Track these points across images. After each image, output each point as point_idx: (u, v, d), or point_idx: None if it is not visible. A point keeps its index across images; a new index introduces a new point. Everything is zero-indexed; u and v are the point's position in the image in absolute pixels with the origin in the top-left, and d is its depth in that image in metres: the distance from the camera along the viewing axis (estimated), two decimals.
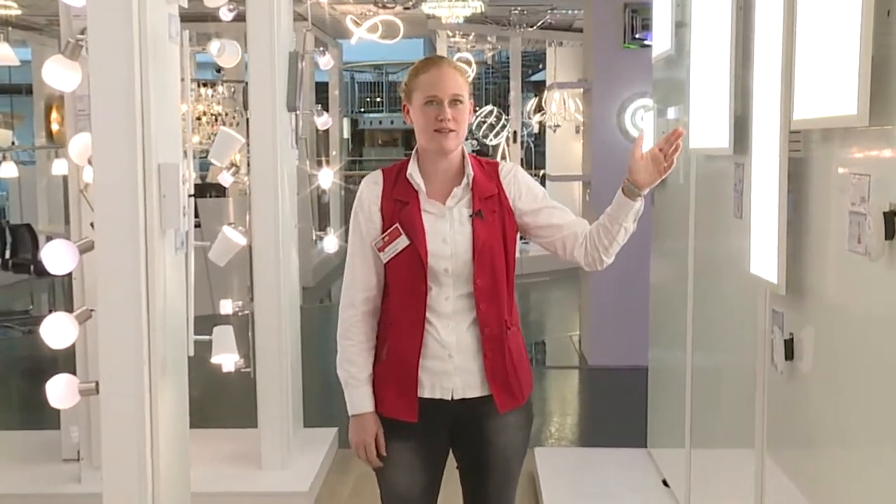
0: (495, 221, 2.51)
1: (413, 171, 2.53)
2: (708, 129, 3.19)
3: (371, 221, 2.53)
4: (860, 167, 2.04)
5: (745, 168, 2.75)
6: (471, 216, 2.49)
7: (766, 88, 2.48)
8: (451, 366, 2.49)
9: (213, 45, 3.82)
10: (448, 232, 2.49)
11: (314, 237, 5.30)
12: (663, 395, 4.35)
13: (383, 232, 2.51)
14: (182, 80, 3.12)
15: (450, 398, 2.51)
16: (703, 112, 3.28)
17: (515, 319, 2.59)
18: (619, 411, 5.84)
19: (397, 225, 2.49)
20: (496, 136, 12.54)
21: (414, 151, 2.58)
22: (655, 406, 4.58)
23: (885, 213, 1.86)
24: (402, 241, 2.48)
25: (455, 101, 2.46)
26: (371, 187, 2.56)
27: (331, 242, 5.40)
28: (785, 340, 2.47)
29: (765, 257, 2.51)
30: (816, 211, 2.31)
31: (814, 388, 2.34)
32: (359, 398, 2.54)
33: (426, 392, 2.50)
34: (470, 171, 2.53)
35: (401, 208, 2.51)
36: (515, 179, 2.57)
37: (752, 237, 2.62)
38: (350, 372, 2.55)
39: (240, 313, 4.60)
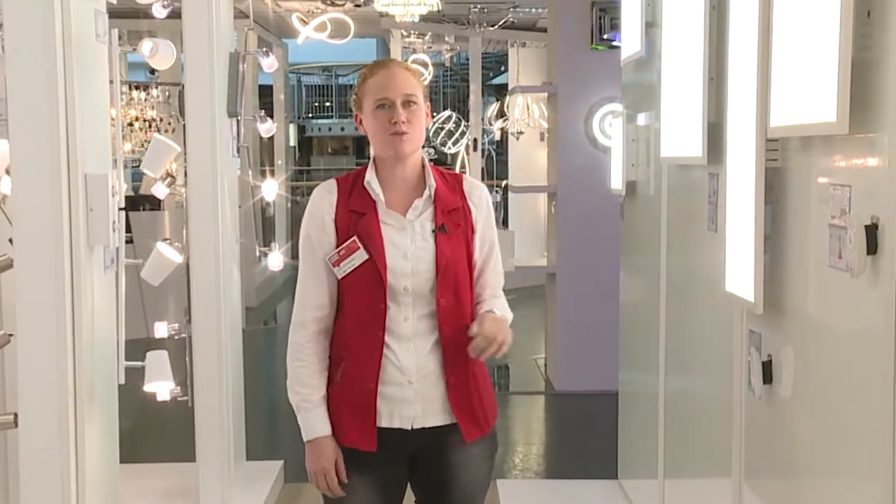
0: (459, 237, 2.51)
1: (371, 178, 2.52)
2: (680, 136, 3.22)
3: (324, 234, 2.51)
4: (840, 178, 2.07)
5: (720, 178, 2.78)
6: (434, 231, 2.49)
7: (742, 93, 2.51)
8: (411, 392, 2.47)
9: (146, 45, 3.80)
10: (409, 247, 2.47)
11: (258, 253, 5.28)
12: (635, 422, 4.38)
13: (338, 245, 2.48)
14: (111, 82, 3.10)
15: (409, 427, 2.49)
16: (675, 118, 3.31)
17: None
18: (587, 440, 5.86)
19: (355, 238, 2.47)
20: (455, 143, 12.58)
21: (371, 160, 2.58)
22: (626, 434, 4.60)
23: (866, 227, 1.88)
24: (360, 256, 2.46)
25: (408, 101, 2.47)
26: (324, 196, 2.54)
27: (276, 259, 5.37)
28: (763, 362, 2.50)
29: (741, 274, 2.54)
30: (795, 224, 2.33)
31: (794, 414, 2.36)
32: (314, 422, 2.51)
33: (384, 421, 2.48)
34: (432, 181, 2.52)
35: (357, 219, 2.49)
36: (481, 201, 2.58)
37: (728, 252, 2.64)
38: (302, 395, 2.52)
39: (176, 337, 4.55)
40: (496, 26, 12.15)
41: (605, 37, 6.75)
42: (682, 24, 3.20)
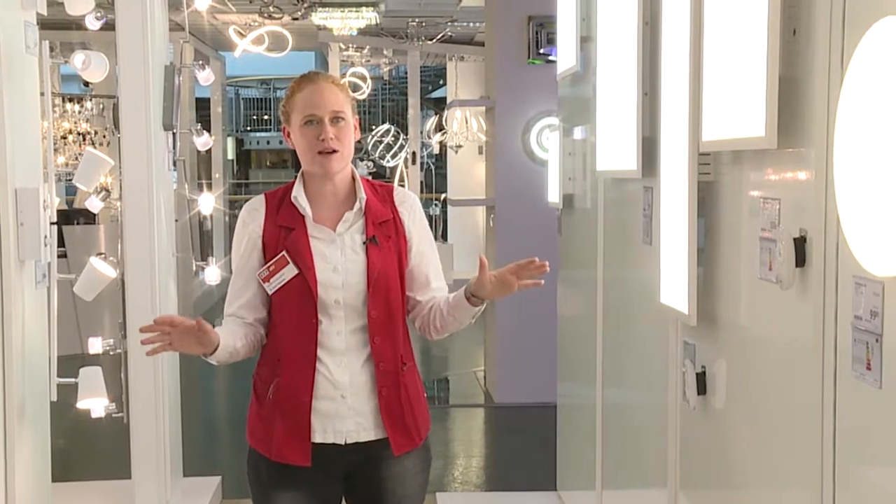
0: (390, 248, 2.50)
1: (298, 193, 2.51)
2: (616, 150, 3.25)
3: (252, 250, 2.50)
4: (770, 191, 2.10)
5: (654, 192, 2.81)
6: (364, 243, 2.48)
7: (675, 108, 2.54)
8: (344, 407, 2.46)
9: (77, 58, 3.74)
10: (339, 260, 2.47)
11: (195, 268, 5.22)
12: (573, 434, 4.40)
13: (268, 261, 2.48)
14: (42, 94, 3.05)
15: (343, 443, 2.48)
16: (610, 132, 3.35)
17: (411, 355, 2.59)
18: (527, 452, 5.88)
19: (284, 253, 2.46)
20: (394, 157, 12.57)
21: (299, 174, 2.57)
22: (565, 445, 4.63)
23: (795, 240, 1.92)
24: (290, 271, 2.45)
25: (336, 118, 2.46)
26: (252, 213, 2.54)
27: (213, 273, 5.31)
28: (697, 374, 2.53)
29: (675, 286, 2.57)
30: (727, 237, 2.37)
31: (727, 424, 2.40)
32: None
33: (318, 436, 2.46)
34: (362, 194, 2.51)
35: (286, 235, 2.48)
36: (413, 210, 2.58)
37: (662, 265, 2.67)
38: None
39: (111, 352, 4.48)
40: (434, 40, 12.19)
41: (541, 51, 6.79)
42: (617, 39, 3.24)
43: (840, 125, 1.68)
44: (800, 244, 1.92)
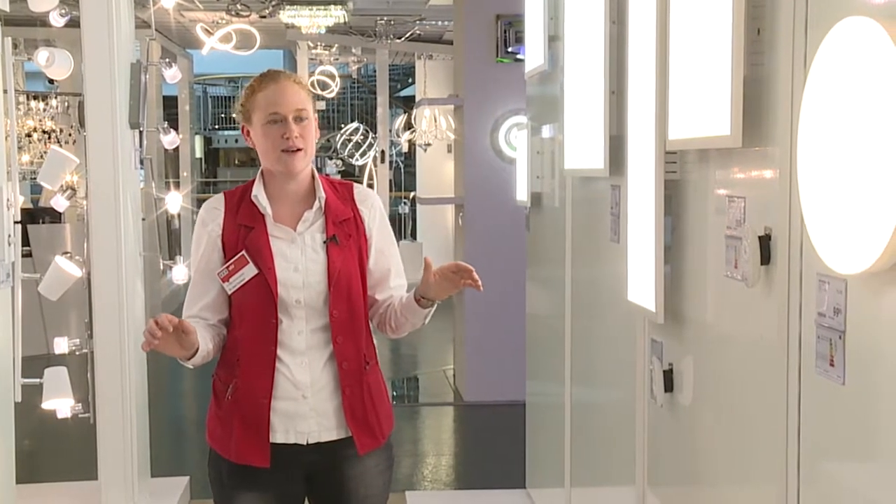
0: (351, 247, 2.50)
1: (258, 192, 2.49)
2: (583, 148, 3.26)
3: (212, 250, 2.49)
4: (735, 189, 2.12)
5: (622, 190, 2.83)
6: (325, 242, 2.47)
7: (642, 107, 2.56)
8: (306, 407, 2.45)
9: (41, 55, 3.72)
10: (300, 259, 2.46)
11: (162, 266, 5.19)
12: (542, 432, 4.42)
13: (227, 260, 2.46)
14: (5, 91, 3.02)
15: (305, 443, 2.47)
16: (578, 131, 3.36)
17: (374, 354, 2.58)
18: (496, 450, 5.89)
19: (243, 252, 2.44)
20: (363, 155, 12.56)
21: (259, 173, 2.56)
22: (534, 443, 4.64)
23: (760, 238, 1.94)
24: (250, 270, 2.44)
25: (299, 117, 2.45)
26: (211, 212, 2.52)
27: (180, 272, 5.27)
28: (664, 371, 2.54)
29: (642, 284, 2.58)
30: (693, 235, 2.39)
31: (694, 421, 2.41)
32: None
33: (279, 437, 2.45)
34: (322, 192, 2.50)
35: (246, 234, 2.47)
36: (373, 208, 2.57)
37: (630, 263, 2.69)
38: None
39: (77, 352, 4.46)
40: (403, 39, 12.18)
41: (510, 50, 6.81)
42: (584, 38, 3.25)
43: (803, 124, 1.69)
44: (765, 242, 1.93)
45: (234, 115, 2.59)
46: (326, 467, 2.52)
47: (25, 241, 7.64)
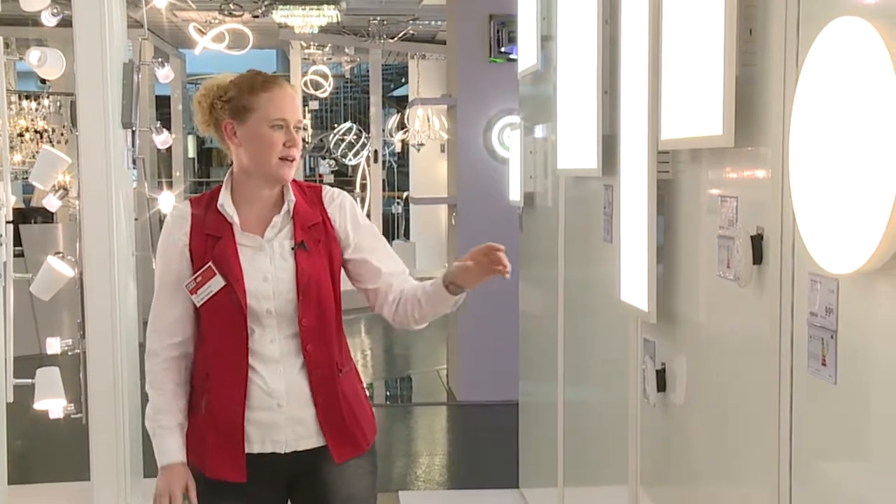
0: (320, 252, 2.42)
1: (224, 201, 2.41)
2: (576, 148, 3.27)
3: (178, 261, 2.41)
4: (728, 189, 2.12)
5: (615, 190, 2.83)
6: (293, 248, 2.40)
7: (635, 106, 2.56)
8: (282, 416, 2.38)
9: (33, 55, 3.71)
10: (269, 268, 2.39)
11: (154, 266, 5.19)
12: (535, 432, 4.42)
13: (195, 272, 2.38)
14: None
15: (282, 452, 2.40)
16: (571, 130, 3.36)
17: (348, 359, 2.51)
18: (489, 450, 5.89)
19: (210, 264, 2.37)
20: (356, 155, 12.56)
21: (227, 177, 2.48)
22: (527, 443, 4.65)
23: (752, 237, 1.94)
24: (217, 282, 2.36)
25: (297, 127, 2.41)
26: (177, 222, 2.44)
27: None
28: (657, 371, 2.55)
29: (635, 284, 2.58)
30: (686, 234, 2.39)
31: (687, 421, 2.42)
32: (168, 447, 2.41)
33: (255, 447, 2.39)
34: (291, 196, 2.43)
35: (213, 244, 2.39)
36: (342, 207, 2.49)
37: (622, 263, 2.69)
38: (158, 421, 2.42)
39: (70, 352, 4.45)
40: (396, 38, 12.18)
41: (502, 49, 6.81)
42: (577, 38, 3.25)
43: (795, 124, 1.70)
44: (757, 242, 1.94)
45: (195, 106, 2.36)
46: (306, 475, 2.46)
47: (17, 241, 7.63)
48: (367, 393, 2.63)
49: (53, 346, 4.44)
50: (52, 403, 4.28)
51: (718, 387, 2.21)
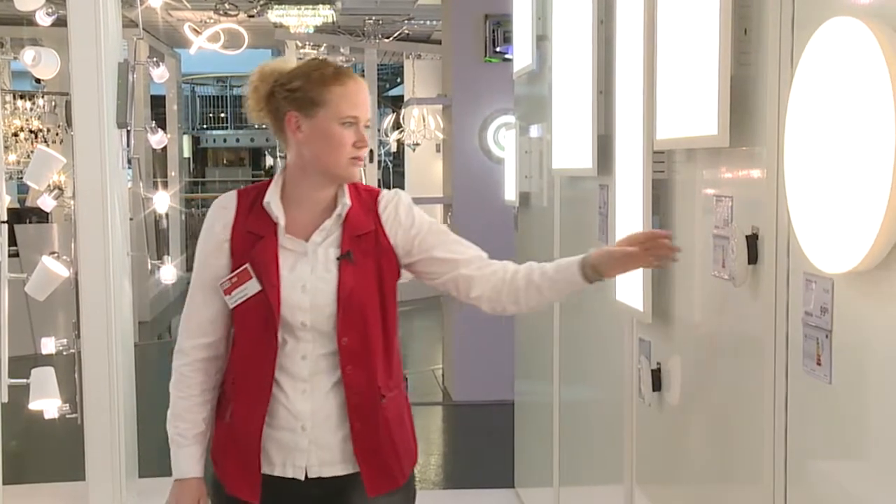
0: (368, 265, 2.20)
1: (272, 198, 2.22)
2: (571, 148, 3.27)
3: (217, 256, 2.23)
4: (722, 189, 2.12)
5: (610, 190, 2.83)
6: (338, 259, 2.19)
7: (630, 106, 2.56)
8: (305, 440, 2.21)
9: (27, 54, 3.71)
10: (308, 278, 2.19)
11: (150, 266, 5.19)
12: (530, 431, 4.42)
13: (232, 271, 2.21)
14: None
15: (303, 478, 2.22)
16: (566, 130, 3.36)
17: (396, 384, 2.29)
18: (485, 449, 5.89)
19: (247, 266, 2.19)
20: None
21: (279, 173, 2.28)
22: (522, 443, 4.65)
23: (747, 237, 1.94)
24: (253, 286, 2.18)
25: (366, 126, 2.22)
26: (220, 213, 2.26)
27: (168, 272, 5.28)
28: (652, 370, 2.54)
29: (630, 284, 2.58)
30: (681, 234, 2.39)
31: (682, 420, 2.42)
32: (185, 460, 2.27)
33: (276, 469, 2.22)
34: (347, 200, 2.22)
35: (253, 243, 2.21)
36: (397, 213, 2.26)
37: None
38: (178, 429, 2.27)
39: (65, 352, 4.44)
40: (391, 38, 12.17)
41: (498, 49, 6.81)
42: (572, 38, 3.25)
43: (790, 124, 1.70)
44: (752, 241, 1.94)
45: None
46: (331, 502, 2.26)
47: (12, 240, 7.60)
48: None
49: (48, 346, 4.43)
50: (47, 403, 4.28)
51: (714, 386, 2.21)
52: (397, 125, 12.72)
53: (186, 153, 20.76)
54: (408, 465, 2.32)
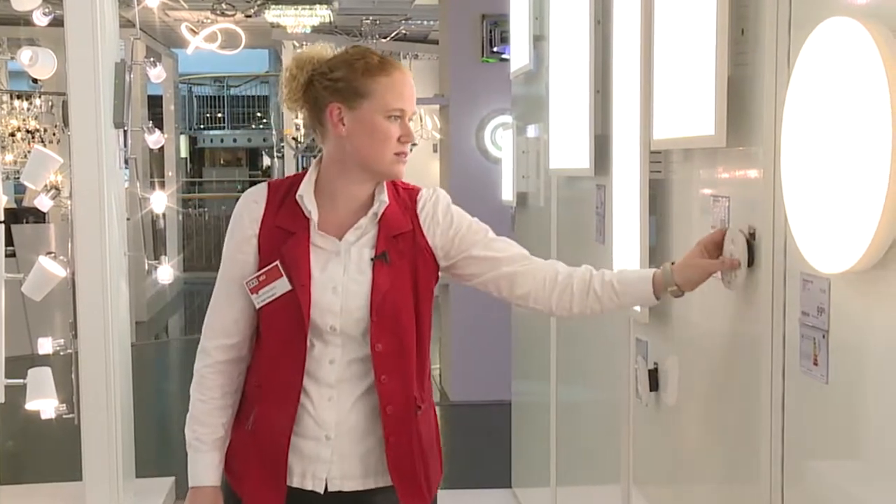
0: (404, 267, 2.09)
1: (305, 192, 2.10)
2: (569, 148, 3.27)
3: (244, 252, 2.12)
4: (719, 189, 2.13)
5: (607, 190, 2.83)
6: (372, 259, 2.08)
7: (627, 106, 2.56)
8: (328, 450, 2.10)
9: (24, 54, 3.70)
10: (341, 278, 2.07)
11: (147, 266, 5.19)
12: (528, 432, 4.42)
13: (260, 268, 2.09)
14: None
15: (322, 491, 2.11)
16: (563, 130, 3.36)
17: (428, 394, 2.19)
18: (482, 449, 5.89)
19: (277, 263, 2.07)
20: None
21: (314, 164, 2.16)
22: (520, 443, 4.64)
23: (746, 239, 1.94)
24: (282, 285, 2.07)
25: (412, 119, 2.12)
26: (250, 207, 2.13)
27: (165, 272, 5.28)
28: (649, 370, 2.54)
29: None
30: (678, 234, 2.39)
31: (679, 420, 2.42)
32: (202, 468, 2.16)
33: (295, 480, 2.11)
34: (385, 197, 2.11)
35: (284, 239, 2.09)
36: (434, 211, 2.15)
37: (615, 262, 2.69)
38: (196, 433, 2.17)
39: (62, 352, 4.44)
40: (388, 38, 12.17)
41: (495, 49, 6.82)
42: (569, 38, 3.25)
43: (787, 124, 1.70)
44: (749, 241, 1.94)
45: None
46: None
47: (9, 241, 7.61)
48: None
49: (45, 346, 4.43)
50: (44, 404, 4.28)
51: (710, 386, 2.21)
52: None
53: (183, 153, 20.76)
54: (434, 483, 2.22)
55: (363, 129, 2.06)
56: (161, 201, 5.40)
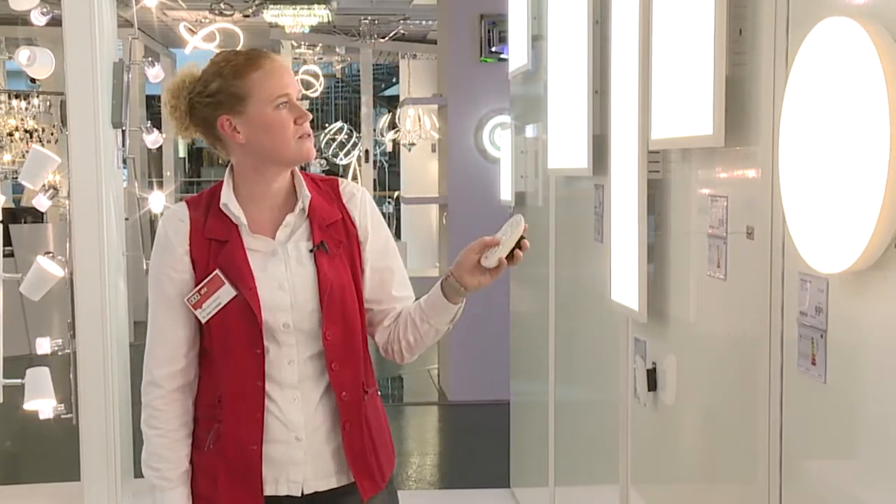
0: (342, 255, 2.11)
1: (228, 199, 2.10)
2: (567, 148, 3.27)
3: (179, 270, 2.09)
4: (718, 189, 2.13)
5: (605, 189, 2.83)
6: (311, 251, 2.09)
7: (625, 106, 2.56)
8: (300, 452, 2.08)
9: (22, 54, 3.70)
10: (284, 275, 2.07)
11: (145, 266, 5.17)
12: (526, 431, 4.42)
13: (198, 283, 2.06)
14: None
15: (299, 494, 2.09)
16: (561, 130, 3.36)
17: (373, 380, 2.19)
18: (480, 449, 5.89)
19: (217, 272, 2.05)
20: (347, 154, 12.55)
21: (227, 173, 2.15)
22: (518, 443, 4.65)
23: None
24: (227, 293, 2.05)
25: (300, 98, 2.11)
26: (175, 226, 2.11)
27: None
28: (647, 370, 2.55)
29: (626, 283, 2.59)
30: (676, 234, 2.39)
31: (677, 420, 2.42)
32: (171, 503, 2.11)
33: (268, 488, 2.08)
34: (306, 192, 2.11)
35: (218, 249, 2.08)
36: (364, 203, 2.18)
37: (613, 262, 2.69)
38: (160, 471, 2.11)
39: (60, 352, 4.44)
40: (387, 38, 12.18)
41: (493, 49, 6.81)
42: (567, 38, 3.26)
43: (785, 124, 1.70)
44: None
45: (169, 113, 2.01)
46: None
47: (7, 240, 7.61)
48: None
49: (43, 346, 4.43)
50: (42, 404, 4.27)
51: (709, 386, 2.21)
52: (393, 125, 12.72)
53: (182, 153, 20.74)
54: (387, 468, 2.21)
55: (258, 128, 2.05)
56: (159, 201, 5.39)
